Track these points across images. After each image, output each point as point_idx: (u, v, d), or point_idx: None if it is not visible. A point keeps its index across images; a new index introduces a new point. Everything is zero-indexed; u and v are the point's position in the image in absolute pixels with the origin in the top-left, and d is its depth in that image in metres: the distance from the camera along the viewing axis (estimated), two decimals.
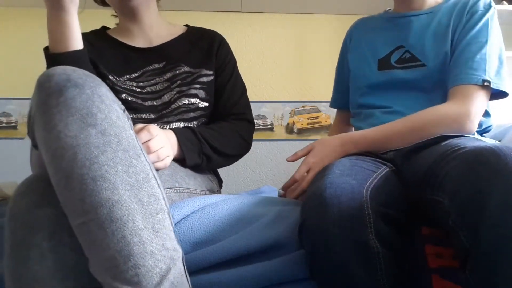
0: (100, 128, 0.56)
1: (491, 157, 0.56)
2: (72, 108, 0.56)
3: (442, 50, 0.95)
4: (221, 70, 1.07)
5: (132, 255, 0.53)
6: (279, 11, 2.39)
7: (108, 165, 0.55)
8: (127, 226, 0.54)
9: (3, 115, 2.20)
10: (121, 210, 0.54)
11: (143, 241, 0.54)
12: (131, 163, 0.58)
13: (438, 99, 0.93)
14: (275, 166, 2.30)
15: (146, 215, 0.56)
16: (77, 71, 0.60)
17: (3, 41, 2.26)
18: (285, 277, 0.66)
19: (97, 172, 0.54)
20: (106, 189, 0.54)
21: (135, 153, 0.59)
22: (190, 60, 1.03)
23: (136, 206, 0.56)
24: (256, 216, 0.75)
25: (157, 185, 0.60)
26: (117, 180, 0.55)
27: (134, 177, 0.57)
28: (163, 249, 0.56)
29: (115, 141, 0.57)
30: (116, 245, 0.54)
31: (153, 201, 0.58)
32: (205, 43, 1.07)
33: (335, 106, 1.26)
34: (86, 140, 0.55)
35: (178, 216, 0.71)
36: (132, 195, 0.56)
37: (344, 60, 1.17)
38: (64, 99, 0.56)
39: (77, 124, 0.56)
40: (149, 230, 0.55)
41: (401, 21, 1.04)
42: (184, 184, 0.85)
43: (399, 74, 0.99)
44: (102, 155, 0.55)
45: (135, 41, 1.04)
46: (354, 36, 1.15)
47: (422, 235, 0.72)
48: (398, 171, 0.83)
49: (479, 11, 0.95)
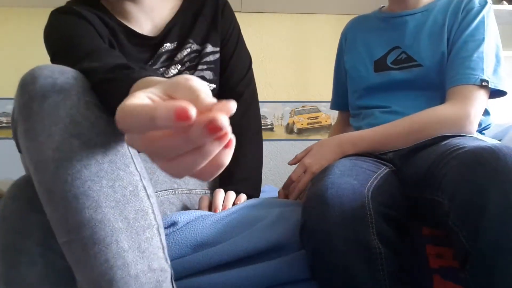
0: (84, 138, 0.52)
1: (490, 158, 0.56)
2: (55, 117, 0.51)
3: (438, 49, 0.94)
4: (226, 40, 0.98)
5: (115, 280, 0.51)
6: (279, 11, 2.39)
7: (92, 181, 0.51)
8: (111, 249, 0.51)
9: (3, 115, 2.20)
10: (105, 230, 0.51)
11: (127, 264, 0.51)
12: (118, 176, 0.53)
13: (437, 97, 0.93)
14: (275, 166, 2.30)
15: (131, 234, 0.53)
16: (66, 73, 0.54)
17: (3, 41, 2.26)
18: (286, 278, 0.66)
19: (79, 189, 0.51)
20: (88, 208, 0.51)
21: (123, 163, 0.54)
22: (197, 35, 0.94)
23: (121, 225, 0.52)
24: (257, 218, 0.75)
25: (146, 197, 0.56)
26: (100, 197, 0.51)
27: (120, 191, 0.53)
28: (149, 271, 0.53)
29: (101, 151, 0.53)
30: (99, 268, 0.51)
31: (140, 217, 0.54)
32: (208, 10, 0.97)
33: (335, 108, 1.26)
34: (68, 154, 0.51)
35: (182, 222, 0.71)
36: (117, 212, 0.52)
37: (341, 62, 1.17)
38: (47, 106, 0.52)
39: (60, 135, 0.51)
40: (134, 251, 0.52)
41: (396, 21, 1.03)
42: (183, 184, 0.84)
43: (395, 75, 0.98)
44: (85, 169, 0.51)
45: (141, 27, 0.94)
46: (349, 37, 1.14)
47: (423, 235, 0.72)
48: (398, 171, 0.83)
49: (474, 8, 0.94)
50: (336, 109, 1.26)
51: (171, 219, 0.70)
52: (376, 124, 0.93)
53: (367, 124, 0.99)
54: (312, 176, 0.86)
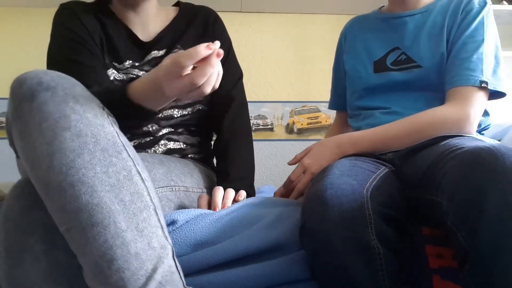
0: (75, 130, 0.55)
1: (489, 158, 0.56)
2: (45, 113, 0.55)
3: (438, 50, 0.94)
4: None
5: (116, 258, 0.52)
6: (279, 11, 2.40)
7: (86, 168, 0.54)
8: (109, 229, 0.53)
9: (3, 115, 2.20)
10: (102, 213, 0.53)
11: (126, 243, 0.53)
12: (111, 162, 0.56)
13: (437, 98, 0.93)
14: (275, 166, 2.30)
15: (129, 215, 0.55)
16: (50, 73, 0.58)
17: (3, 41, 2.26)
18: (286, 278, 0.66)
19: (74, 177, 0.53)
20: (84, 194, 0.53)
21: (115, 150, 0.57)
22: (186, 41, 1.00)
23: (117, 207, 0.54)
24: (257, 218, 0.75)
25: (141, 181, 0.58)
26: (95, 183, 0.54)
27: (115, 176, 0.56)
28: (149, 249, 0.55)
29: (92, 141, 0.56)
30: (99, 250, 0.52)
31: (136, 199, 0.56)
32: (200, 22, 1.04)
33: (334, 107, 1.26)
34: (60, 146, 0.54)
35: (181, 221, 0.71)
36: (113, 196, 0.54)
37: (340, 61, 1.16)
38: (36, 104, 0.55)
39: (51, 130, 0.54)
40: (132, 231, 0.54)
41: (395, 22, 1.03)
42: (180, 182, 0.84)
43: (395, 76, 0.98)
44: (78, 158, 0.54)
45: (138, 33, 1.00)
46: (349, 37, 1.14)
47: (423, 236, 0.72)
48: (398, 171, 0.83)
49: (474, 9, 0.94)
50: (335, 109, 1.26)
51: (171, 218, 0.70)
52: (375, 124, 0.93)
53: (367, 124, 0.99)
54: (312, 177, 0.86)
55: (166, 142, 0.95)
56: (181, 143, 0.97)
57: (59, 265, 0.57)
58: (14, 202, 0.60)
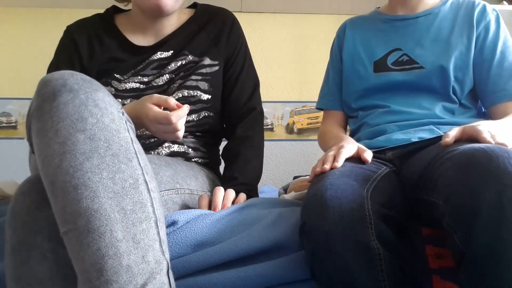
0: (89, 133, 0.55)
1: (483, 159, 0.56)
2: (64, 114, 0.55)
3: (443, 55, 0.94)
4: (233, 59, 1.03)
5: (106, 269, 0.51)
6: (279, 11, 2.39)
7: (92, 172, 0.53)
8: (104, 238, 0.51)
9: (3, 115, 2.20)
10: (100, 220, 0.52)
11: (119, 254, 0.51)
12: (119, 169, 0.55)
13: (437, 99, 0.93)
14: (275, 166, 2.30)
15: (127, 224, 0.53)
16: (75, 76, 0.59)
17: (3, 41, 2.26)
18: (285, 278, 0.66)
19: (79, 180, 0.53)
20: (86, 198, 0.52)
21: (126, 157, 0.57)
22: (195, 47, 1.00)
23: (117, 215, 0.53)
24: (257, 218, 0.75)
25: (146, 191, 0.57)
26: (99, 188, 0.53)
27: (120, 183, 0.55)
28: (142, 262, 0.53)
29: (104, 146, 0.55)
30: (91, 258, 0.51)
31: (138, 209, 0.55)
32: (214, 27, 1.02)
33: (330, 107, 1.13)
34: (72, 147, 0.54)
35: (182, 221, 0.71)
36: (115, 203, 0.53)
37: (337, 61, 1.13)
38: (57, 104, 0.55)
39: (66, 130, 0.54)
40: (128, 241, 0.52)
41: (398, 24, 1.03)
42: (185, 185, 0.85)
43: (396, 77, 0.98)
44: (87, 161, 0.54)
45: (146, 38, 1.01)
46: (348, 36, 1.12)
47: (422, 236, 0.72)
48: (398, 171, 0.83)
49: (491, 20, 0.98)
50: (327, 108, 1.14)
51: (171, 218, 0.70)
52: (375, 124, 0.93)
53: (366, 124, 0.99)
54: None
55: (170, 145, 0.96)
56: (186, 146, 0.98)
57: (66, 264, 0.56)
58: (22, 198, 0.60)
